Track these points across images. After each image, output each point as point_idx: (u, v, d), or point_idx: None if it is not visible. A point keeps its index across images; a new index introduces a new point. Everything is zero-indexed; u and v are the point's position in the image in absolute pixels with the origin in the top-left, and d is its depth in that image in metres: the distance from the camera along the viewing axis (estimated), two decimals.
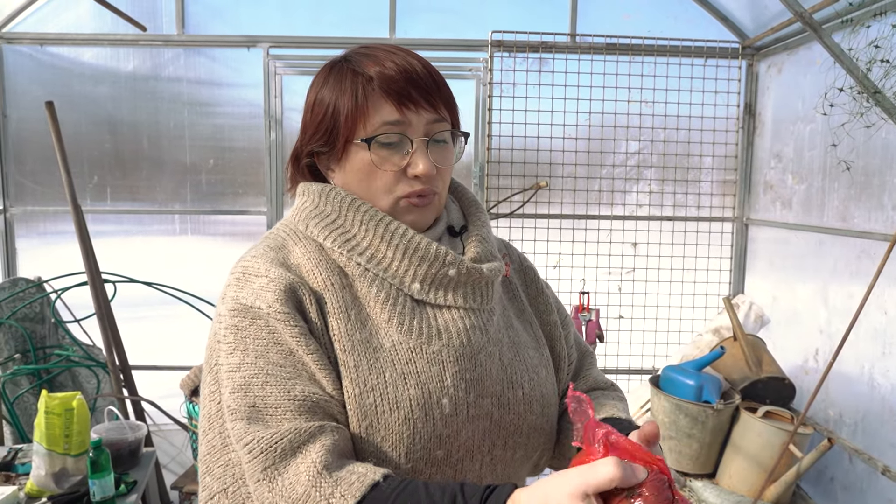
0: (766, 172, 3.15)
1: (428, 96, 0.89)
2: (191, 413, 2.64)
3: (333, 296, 0.87)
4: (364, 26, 3.19)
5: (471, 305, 0.92)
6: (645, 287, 3.28)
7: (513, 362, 0.95)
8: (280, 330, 0.82)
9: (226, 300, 0.87)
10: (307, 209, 0.94)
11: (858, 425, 2.48)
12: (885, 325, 2.32)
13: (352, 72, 0.90)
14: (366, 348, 0.86)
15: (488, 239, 1.00)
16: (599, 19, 3.19)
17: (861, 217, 2.44)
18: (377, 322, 0.88)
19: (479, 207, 1.05)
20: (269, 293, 0.83)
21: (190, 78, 3.23)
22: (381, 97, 0.88)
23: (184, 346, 3.25)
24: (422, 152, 0.89)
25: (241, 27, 3.19)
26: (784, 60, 3.00)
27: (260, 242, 0.95)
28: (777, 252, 3.07)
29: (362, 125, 0.88)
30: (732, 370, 2.81)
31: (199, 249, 3.35)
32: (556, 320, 1.08)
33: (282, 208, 3.29)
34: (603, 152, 3.25)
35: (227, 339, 0.84)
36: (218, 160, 3.28)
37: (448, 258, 0.90)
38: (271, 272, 0.85)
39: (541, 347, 1.03)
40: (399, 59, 0.89)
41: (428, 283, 0.90)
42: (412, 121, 0.88)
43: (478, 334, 0.91)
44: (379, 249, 0.90)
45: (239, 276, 0.88)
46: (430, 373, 0.86)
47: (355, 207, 0.91)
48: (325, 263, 0.89)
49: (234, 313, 0.85)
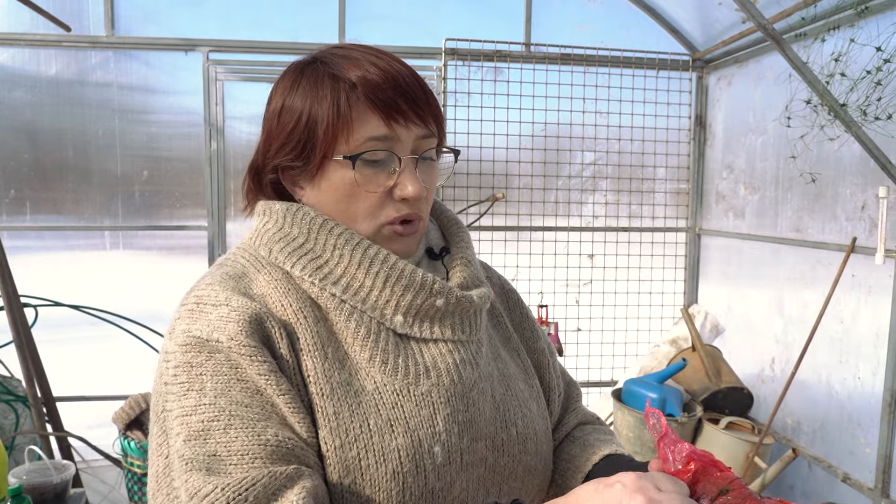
0: (717, 183, 3.18)
1: (417, 108, 0.78)
2: (125, 450, 2.40)
3: (306, 330, 0.75)
4: (312, 32, 3.04)
5: (459, 337, 0.82)
6: (602, 299, 3.26)
7: (504, 398, 0.85)
8: (244, 366, 0.70)
9: (174, 335, 0.73)
10: (270, 231, 0.82)
11: (817, 433, 2.51)
12: (841, 333, 2.35)
13: (330, 76, 0.78)
14: (346, 392, 0.74)
15: (473, 262, 0.90)
16: (554, 29, 3.16)
17: (815, 228, 2.48)
18: (357, 361, 0.76)
19: (460, 227, 0.95)
20: (230, 324, 0.71)
21: (121, 83, 2.99)
22: (366, 108, 0.76)
23: (116, 372, 2.99)
24: (410, 172, 0.78)
25: (178, 30, 2.98)
26: (734, 73, 3.04)
27: (214, 270, 0.81)
28: (730, 262, 3.11)
29: (344, 139, 0.76)
30: (692, 381, 2.80)
31: (132, 265, 3.10)
32: (544, 347, 0.99)
33: (224, 223, 3.09)
34: (559, 163, 3.21)
35: (179, 380, 0.71)
36: (153, 171, 3.05)
37: (436, 286, 0.79)
38: (232, 300, 0.73)
39: (530, 378, 0.94)
40: (383, 64, 0.78)
41: (412, 314, 0.79)
42: (400, 136, 0.77)
43: (468, 369, 0.81)
44: (356, 278, 0.78)
45: (192, 308, 0.74)
46: (419, 417, 0.75)
47: (327, 230, 0.79)
48: (295, 293, 0.77)
49: (186, 348, 0.71)
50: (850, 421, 2.32)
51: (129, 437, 2.40)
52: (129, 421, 2.42)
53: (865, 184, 2.22)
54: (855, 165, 2.25)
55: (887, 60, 1.72)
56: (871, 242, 2.19)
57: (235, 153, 3.08)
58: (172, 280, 3.09)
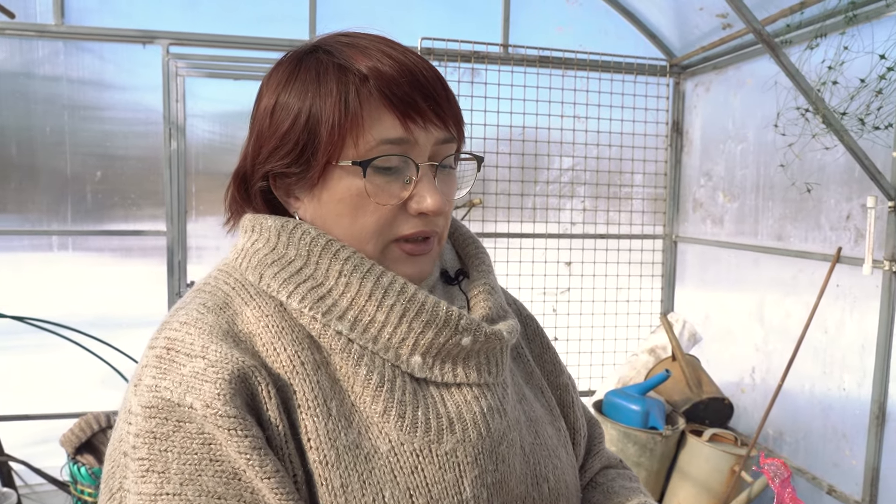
0: (695, 190, 3.16)
1: (437, 108, 0.66)
2: (75, 476, 2.20)
3: (304, 381, 0.62)
4: (281, 27, 2.89)
5: (486, 380, 0.70)
6: (580, 307, 3.19)
7: (534, 448, 0.74)
8: (221, 441, 0.56)
9: (139, 390, 0.59)
10: (260, 252, 0.69)
11: (800, 444, 2.48)
12: (825, 344, 2.33)
13: (336, 67, 0.65)
14: (355, 457, 0.61)
15: (496, 288, 0.78)
16: (532, 30, 3.08)
17: (798, 236, 2.46)
18: (368, 416, 0.63)
19: (478, 246, 0.82)
20: (206, 385, 0.57)
21: (72, 77, 2.77)
22: (380, 105, 0.64)
23: (62, 387, 2.77)
24: (429, 182, 0.66)
25: (136, 20, 2.78)
26: (712, 80, 3.02)
27: (191, 298, 0.67)
28: (708, 269, 3.08)
29: (353, 142, 0.64)
30: (672, 392, 2.76)
31: (83, 269, 2.88)
32: (567, 383, 0.88)
33: (184, 228, 2.90)
34: (537, 168, 3.13)
35: (139, 454, 0.57)
36: (107, 172, 2.84)
37: (462, 322, 0.67)
38: (210, 351, 0.59)
39: (556, 420, 0.82)
40: (397, 55, 0.66)
41: (432, 355, 0.67)
42: (418, 139, 0.65)
43: (497, 419, 0.69)
44: (365, 311, 0.65)
45: (161, 356, 0.61)
46: (443, 483, 0.63)
47: (331, 252, 0.66)
48: (291, 332, 0.64)
49: (150, 413, 0.58)
50: (835, 432, 2.30)
51: (79, 461, 2.20)
52: (79, 444, 2.22)
53: (850, 193, 2.20)
54: (839, 174, 2.24)
55: (891, 69, 1.69)
56: (856, 252, 2.17)
57: (197, 153, 2.90)
58: (128, 284, 2.89)
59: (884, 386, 2.06)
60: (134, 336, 2.82)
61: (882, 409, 2.07)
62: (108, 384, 2.68)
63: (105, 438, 2.25)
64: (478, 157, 0.74)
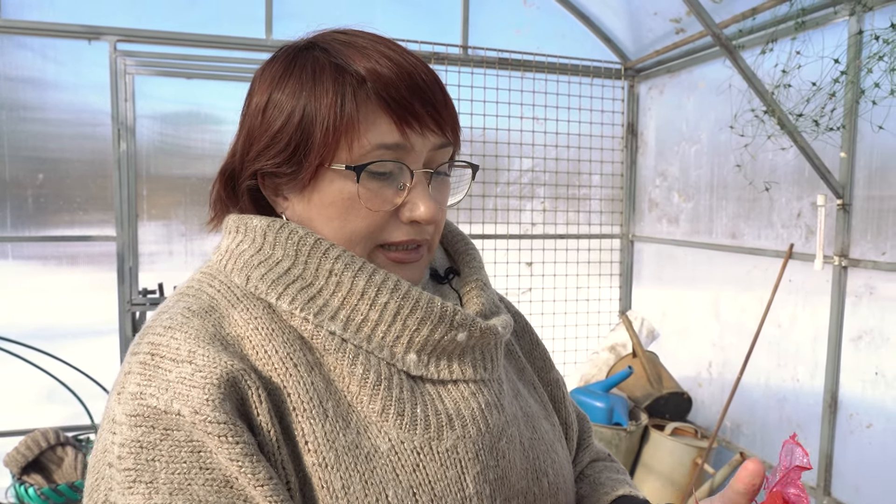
0: (650, 191, 3.23)
1: (436, 113, 0.65)
2: (21, 497, 2.07)
3: (298, 384, 0.60)
4: (236, 25, 2.81)
5: (482, 376, 0.69)
6: (542, 307, 3.22)
7: (532, 442, 0.74)
8: (211, 448, 0.54)
9: (123, 398, 0.57)
10: (246, 253, 0.67)
11: (757, 435, 2.57)
12: (779, 337, 2.42)
13: (333, 66, 0.64)
14: (356, 458, 0.60)
15: (488, 284, 0.77)
16: (490, 32, 3.10)
17: (751, 234, 2.55)
18: (366, 415, 0.62)
19: (468, 244, 0.82)
20: (193, 390, 0.55)
21: (9, 75, 2.62)
22: (377, 108, 0.63)
23: (4, 402, 2.61)
24: (423, 190, 0.65)
25: (80, 15, 2.65)
26: (665, 83, 3.10)
27: (174, 302, 0.65)
28: (664, 267, 3.16)
29: (347, 145, 0.63)
30: (634, 388, 2.81)
31: (24, 277, 2.72)
32: (558, 378, 0.89)
33: (135, 233, 2.77)
34: (497, 169, 3.15)
35: (125, 464, 0.55)
36: (49, 175, 2.69)
37: (457, 318, 0.66)
38: (197, 355, 0.57)
39: (550, 416, 0.82)
40: (396, 56, 0.64)
41: (428, 352, 0.66)
42: (415, 145, 0.64)
43: (495, 414, 0.69)
44: (358, 310, 0.64)
45: (144, 361, 0.58)
46: (446, 480, 0.62)
47: (321, 251, 0.65)
48: (282, 334, 0.62)
49: (136, 421, 0.55)
50: (790, 422, 2.40)
51: (25, 482, 2.07)
52: (25, 464, 2.10)
53: (801, 192, 2.30)
54: (790, 174, 2.33)
55: (844, 72, 1.77)
56: (807, 249, 2.27)
57: (148, 155, 2.78)
58: (74, 293, 2.75)
59: (835, 377, 2.16)
60: (82, 347, 2.68)
61: (834, 398, 2.17)
62: (55, 399, 2.54)
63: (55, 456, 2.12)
64: (473, 165, 0.73)
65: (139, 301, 2.69)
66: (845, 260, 2.11)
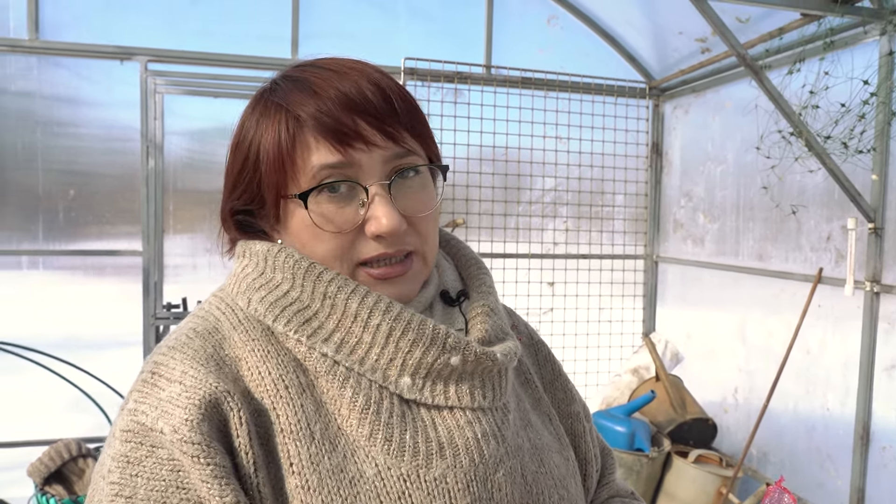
0: (675, 211, 3.19)
1: (381, 125, 0.64)
2: None
3: (288, 405, 0.61)
4: (264, 45, 2.86)
5: (480, 404, 0.67)
6: (563, 328, 3.18)
7: (537, 477, 0.71)
8: (187, 468, 0.56)
9: (122, 413, 0.60)
10: (249, 277, 0.69)
11: (784, 464, 2.49)
12: (808, 363, 2.35)
13: (276, 106, 0.66)
14: (339, 481, 0.59)
15: (497, 310, 0.75)
16: (514, 52, 3.11)
17: (778, 257, 2.49)
18: (354, 439, 0.62)
19: (480, 267, 0.80)
20: (176, 410, 0.57)
21: (45, 93, 2.71)
22: (312, 137, 0.63)
23: (29, 412, 2.66)
24: (382, 202, 0.64)
25: (113, 36, 2.73)
26: (691, 102, 3.07)
27: (185, 323, 0.68)
28: (689, 289, 3.10)
29: (292, 175, 0.64)
30: (657, 413, 2.75)
31: (53, 288, 2.78)
32: (579, 411, 0.85)
33: (161, 248, 2.82)
34: (520, 188, 3.14)
35: (112, 478, 0.57)
36: (81, 190, 2.76)
37: (450, 340, 0.65)
38: (188, 376, 0.59)
39: (565, 450, 0.79)
40: (339, 79, 0.64)
41: (422, 375, 0.65)
42: (361, 161, 0.64)
43: (492, 445, 0.67)
44: (351, 332, 0.64)
45: (145, 379, 0.62)
46: None
47: (315, 275, 0.66)
48: (277, 356, 0.64)
49: (126, 437, 0.58)
50: (819, 452, 2.31)
51: (47, 492, 2.10)
52: (48, 474, 2.12)
53: (830, 215, 2.24)
54: (819, 196, 2.27)
55: (874, 94, 1.73)
56: (837, 273, 2.20)
57: (175, 172, 2.84)
58: (101, 305, 2.80)
59: (867, 406, 2.08)
60: (106, 359, 2.73)
61: (866, 429, 2.09)
62: (80, 409, 2.58)
63: (76, 468, 2.15)
64: (441, 167, 0.71)
65: (163, 315, 2.73)
66: (877, 285, 2.04)
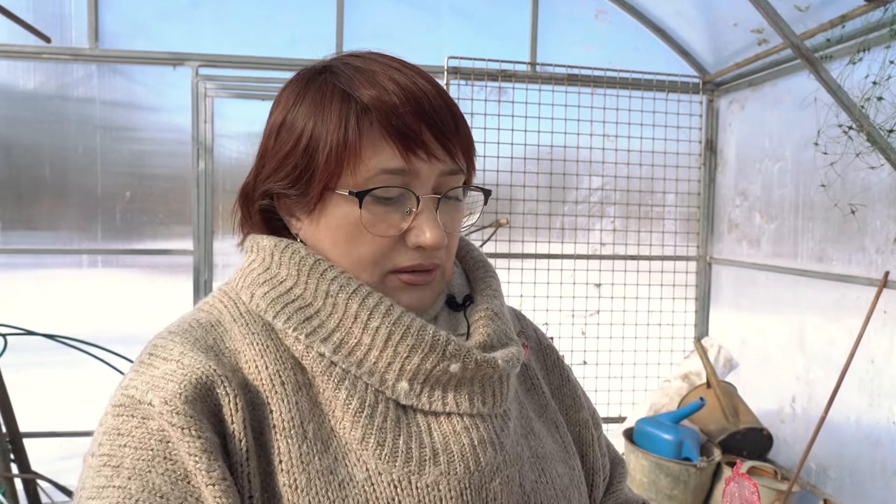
0: (730, 210, 3.05)
1: (444, 139, 0.63)
2: None
3: (282, 401, 0.60)
4: (309, 48, 2.90)
5: (479, 410, 0.65)
6: (610, 330, 3.10)
7: (537, 487, 0.68)
8: (175, 440, 0.55)
9: (116, 390, 0.60)
10: (255, 272, 0.68)
11: (846, 480, 2.34)
12: (872, 374, 2.20)
13: (340, 93, 0.63)
14: (328, 483, 0.58)
15: (501, 314, 0.73)
16: (559, 49, 3.04)
17: (840, 259, 2.34)
18: (346, 441, 0.61)
19: (488, 270, 0.78)
20: (170, 384, 0.57)
21: (104, 99, 2.83)
22: (381, 135, 0.62)
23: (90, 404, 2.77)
24: (430, 215, 0.64)
25: (166, 43, 2.83)
26: (747, 97, 2.93)
27: (190, 314, 0.68)
28: (744, 293, 2.96)
29: (351, 170, 0.62)
30: (708, 421, 2.64)
31: (112, 285, 2.91)
32: (588, 419, 0.82)
33: (211, 247, 2.91)
34: (565, 188, 3.07)
35: (102, 450, 0.56)
36: (136, 191, 2.87)
37: (450, 348, 0.63)
38: (186, 357, 0.60)
39: (570, 458, 0.76)
40: (405, 80, 0.63)
41: (420, 381, 0.63)
42: (420, 171, 0.63)
43: (490, 452, 0.64)
44: (351, 333, 0.63)
45: (143, 360, 0.62)
46: None
47: (319, 272, 0.64)
48: (275, 352, 0.63)
49: (118, 411, 0.57)
50: (885, 469, 2.16)
51: None
52: None
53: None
54: (885, 194, 2.12)
55: None
56: None
57: (225, 173, 2.92)
58: (155, 302, 2.91)
59: None
60: None
61: None
62: None
63: None
64: (485, 191, 0.70)
65: None
66: None
